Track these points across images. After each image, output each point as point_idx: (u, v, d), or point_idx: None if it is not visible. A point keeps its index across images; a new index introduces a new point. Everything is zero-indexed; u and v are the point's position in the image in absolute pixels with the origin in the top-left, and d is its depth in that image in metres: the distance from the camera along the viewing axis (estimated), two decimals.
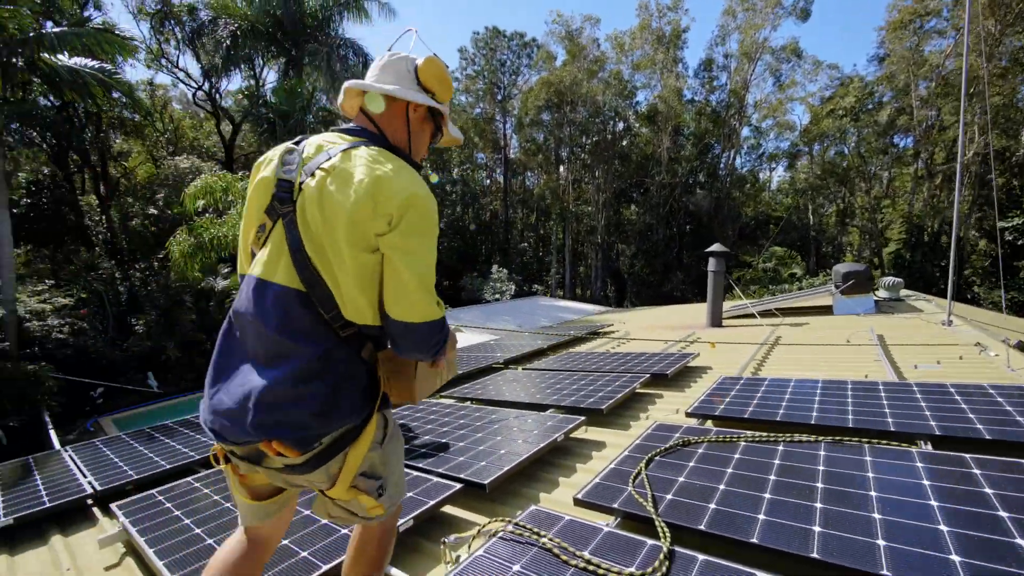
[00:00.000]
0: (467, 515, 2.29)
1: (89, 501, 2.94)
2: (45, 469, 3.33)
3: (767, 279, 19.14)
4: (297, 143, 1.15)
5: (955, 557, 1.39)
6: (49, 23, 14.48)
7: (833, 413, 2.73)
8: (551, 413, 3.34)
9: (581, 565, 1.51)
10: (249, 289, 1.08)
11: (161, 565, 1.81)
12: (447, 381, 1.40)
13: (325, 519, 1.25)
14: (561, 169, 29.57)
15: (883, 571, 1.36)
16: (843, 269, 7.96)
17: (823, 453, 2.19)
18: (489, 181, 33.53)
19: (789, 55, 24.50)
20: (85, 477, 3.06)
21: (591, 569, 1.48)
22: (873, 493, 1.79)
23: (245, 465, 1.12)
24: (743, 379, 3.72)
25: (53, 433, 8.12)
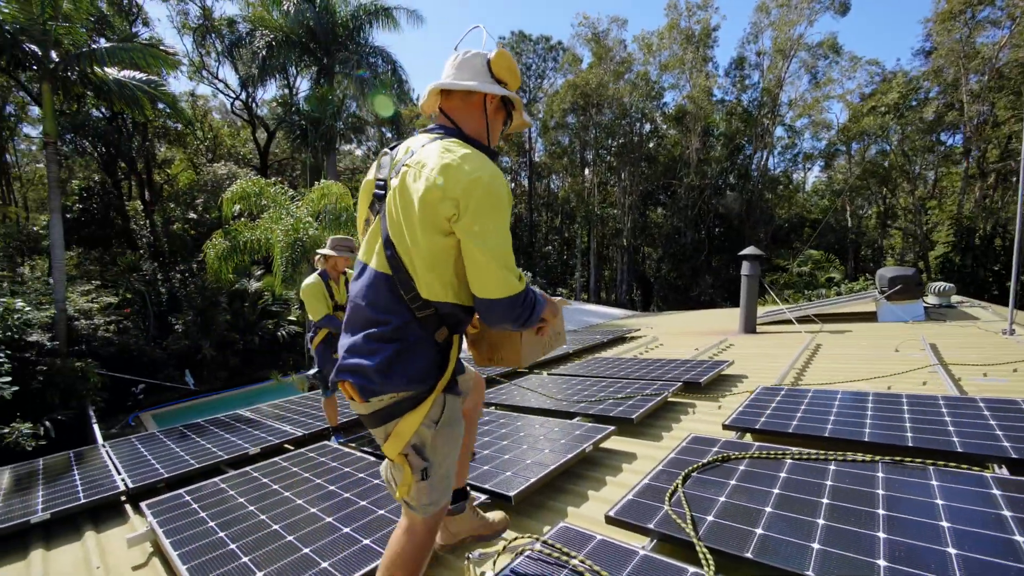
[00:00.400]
0: None
1: (123, 498, 3.01)
2: (84, 464, 3.43)
3: (802, 284, 18.32)
4: (393, 147, 1.33)
5: None
6: (102, 39, 15.37)
7: (889, 430, 2.51)
8: (578, 422, 3.22)
9: None
10: (356, 271, 1.32)
11: (184, 570, 1.79)
12: (554, 348, 1.49)
13: (383, 479, 1.41)
14: (586, 172, 29.29)
15: None
16: (889, 273, 7.50)
17: (881, 475, 1.99)
18: (514, 184, 33.56)
19: (827, 51, 23.54)
20: (119, 474, 3.13)
21: None
22: (944, 523, 1.60)
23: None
24: (783, 389, 3.50)
25: (97, 427, 8.50)
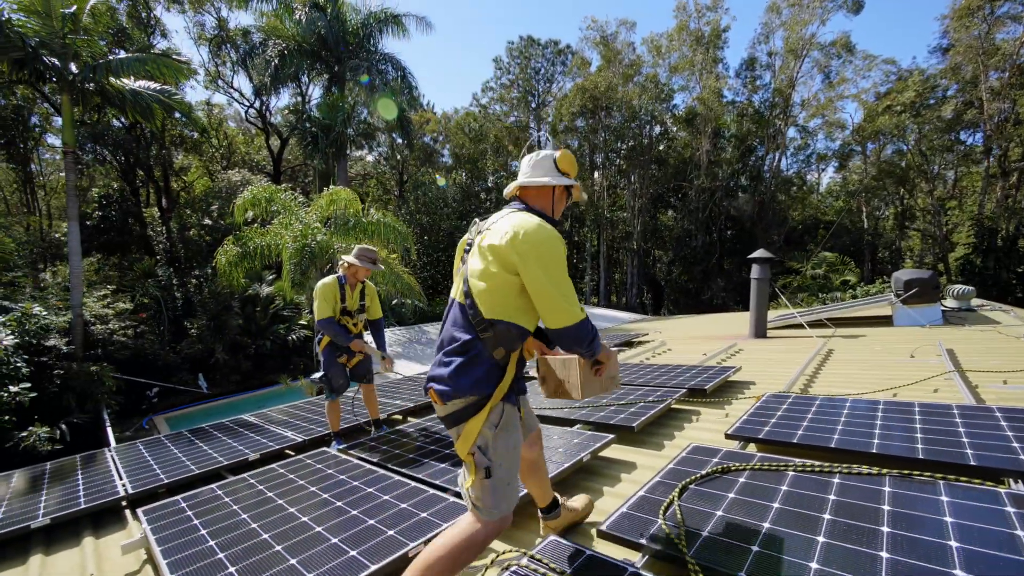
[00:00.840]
0: None
1: (124, 504, 3.03)
2: (88, 469, 3.48)
3: (816, 287, 17.94)
4: (483, 218, 1.71)
5: None
6: (121, 51, 15.82)
7: (899, 441, 2.41)
8: (578, 429, 3.16)
9: None
10: (448, 307, 1.67)
11: None
12: (610, 390, 1.79)
13: (459, 487, 1.72)
14: (596, 175, 29.18)
15: None
16: (905, 276, 7.29)
17: (888, 490, 1.91)
18: None
19: (840, 50, 23.15)
20: (121, 479, 3.16)
21: None
22: (953, 543, 1.51)
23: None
24: (791, 397, 3.40)
25: (110, 430, 8.66)
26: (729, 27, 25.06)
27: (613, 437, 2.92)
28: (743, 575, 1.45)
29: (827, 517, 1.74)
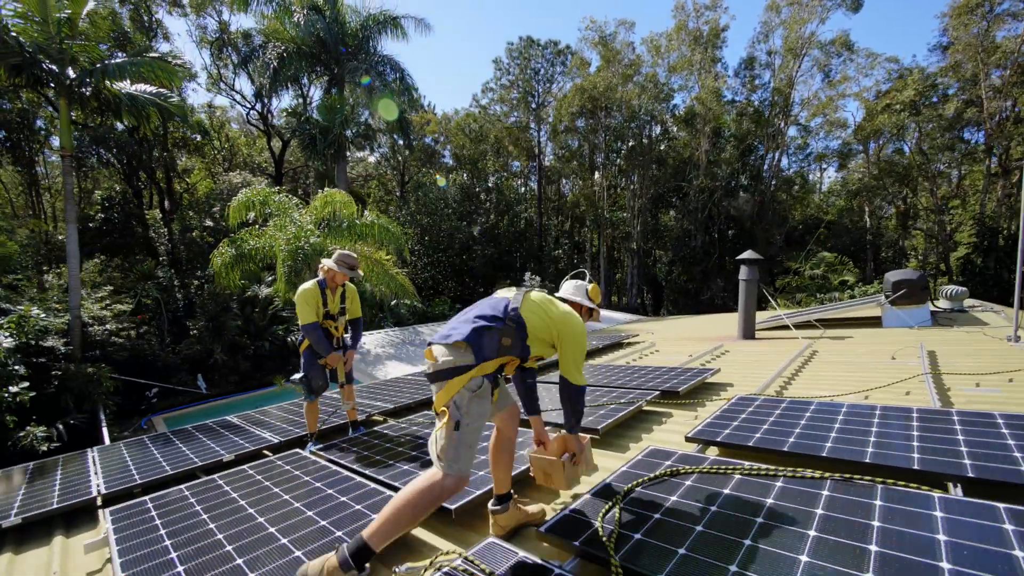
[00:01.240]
0: (436, 540, 2.20)
1: (99, 503, 3.10)
2: (68, 469, 3.55)
3: (815, 287, 17.85)
4: (526, 288, 2.20)
5: None
6: (122, 54, 15.98)
7: (851, 444, 2.43)
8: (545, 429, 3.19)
9: None
10: (494, 300, 2.09)
11: None
12: (588, 473, 2.35)
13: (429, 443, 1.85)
14: (596, 175, 29.16)
15: None
16: (894, 277, 7.27)
17: (826, 493, 1.93)
18: (524, 189, 33.58)
19: (839, 49, 23.02)
20: (96, 479, 3.22)
21: None
22: (873, 548, 1.54)
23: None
24: (759, 399, 3.42)
25: (106, 431, 8.76)
26: (728, 26, 24.99)
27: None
28: None
29: (759, 521, 1.77)
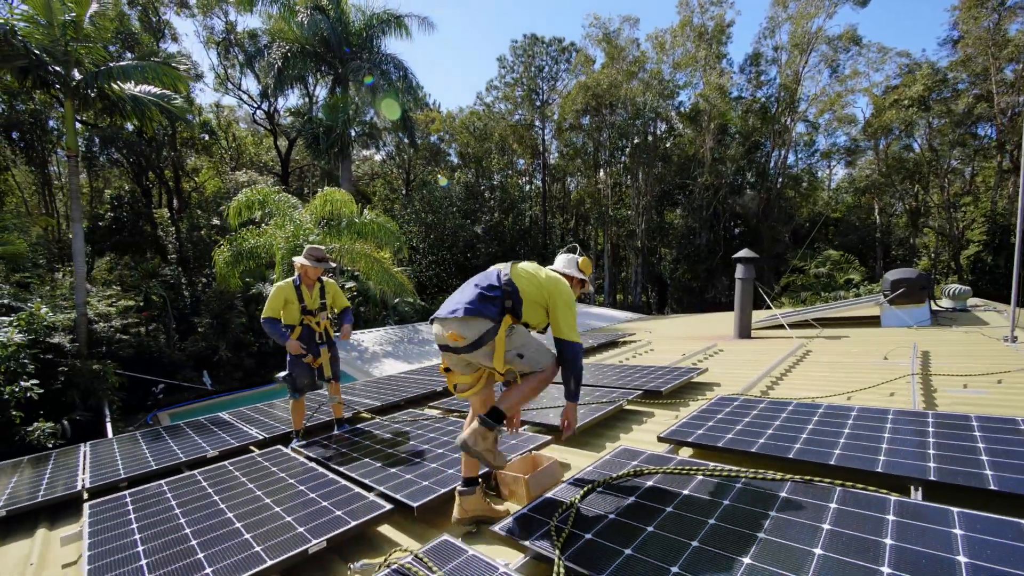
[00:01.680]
0: (400, 537, 2.23)
1: (85, 497, 3.17)
2: (59, 463, 3.63)
3: (820, 285, 17.63)
4: (518, 263, 2.31)
5: None
6: (129, 54, 16.21)
7: (820, 446, 2.41)
8: (522, 430, 3.21)
9: None
10: (494, 273, 2.24)
11: (86, 571, 1.88)
12: (555, 487, 2.31)
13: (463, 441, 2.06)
14: (600, 173, 29.03)
15: None
16: (892, 276, 7.17)
17: (783, 495, 1.92)
18: (529, 187, 33.52)
19: (847, 44, 22.65)
20: (84, 473, 3.30)
21: None
22: (818, 551, 1.53)
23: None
24: (739, 400, 3.41)
25: (110, 426, 8.93)
26: (733, 22, 24.75)
27: (551, 439, 2.97)
28: None
29: (711, 522, 1.77)
